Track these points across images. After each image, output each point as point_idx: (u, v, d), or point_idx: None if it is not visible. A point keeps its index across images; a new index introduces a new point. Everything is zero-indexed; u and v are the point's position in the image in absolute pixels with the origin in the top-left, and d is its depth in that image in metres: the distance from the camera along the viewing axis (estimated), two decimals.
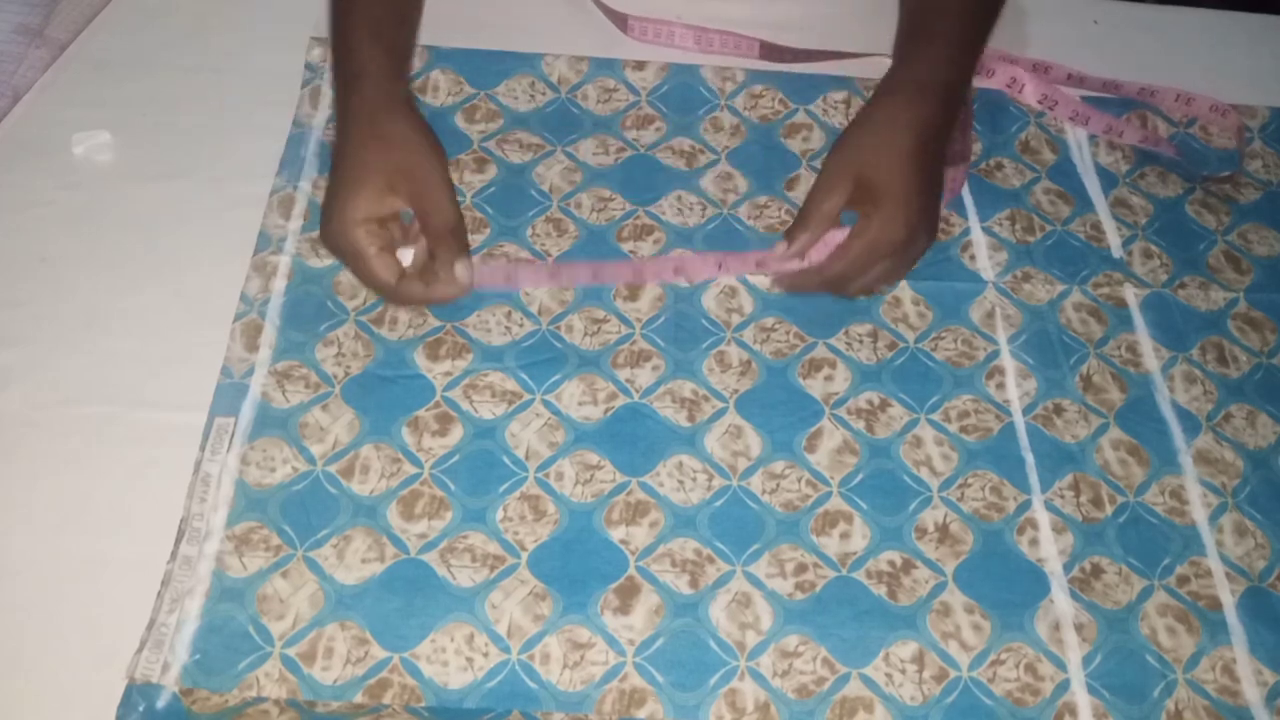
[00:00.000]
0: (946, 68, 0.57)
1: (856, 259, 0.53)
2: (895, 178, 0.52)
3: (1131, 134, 0.65)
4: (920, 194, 0.53)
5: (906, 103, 0.55)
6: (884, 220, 0.52)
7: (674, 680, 0.45)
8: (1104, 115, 0.65)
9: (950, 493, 0.51)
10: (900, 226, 0.52)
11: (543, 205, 0.60)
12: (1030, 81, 0.62)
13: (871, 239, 0.53)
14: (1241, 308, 0.60)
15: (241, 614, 0.45)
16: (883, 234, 0.52)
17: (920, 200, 0.53)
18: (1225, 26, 0.76)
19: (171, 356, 0.53)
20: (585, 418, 0.52)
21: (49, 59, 0.64)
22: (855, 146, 0.54)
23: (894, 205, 0.52)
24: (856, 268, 0.53)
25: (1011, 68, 0.64)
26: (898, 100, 0.55)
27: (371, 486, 0.49)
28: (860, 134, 0.55)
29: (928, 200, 0.54)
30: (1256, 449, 0.54)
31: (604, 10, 0.70)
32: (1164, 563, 0.50)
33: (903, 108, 0.55)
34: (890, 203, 0.52)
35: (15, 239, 0.56)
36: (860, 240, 0.53)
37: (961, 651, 0.47)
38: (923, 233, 0.54)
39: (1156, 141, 0.64)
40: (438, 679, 0.44)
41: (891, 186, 0.52)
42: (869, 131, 0.55)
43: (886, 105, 0.56)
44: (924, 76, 0.56)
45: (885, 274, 0.55)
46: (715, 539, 0.49)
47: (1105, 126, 0.65)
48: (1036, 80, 0.62)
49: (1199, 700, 0.46)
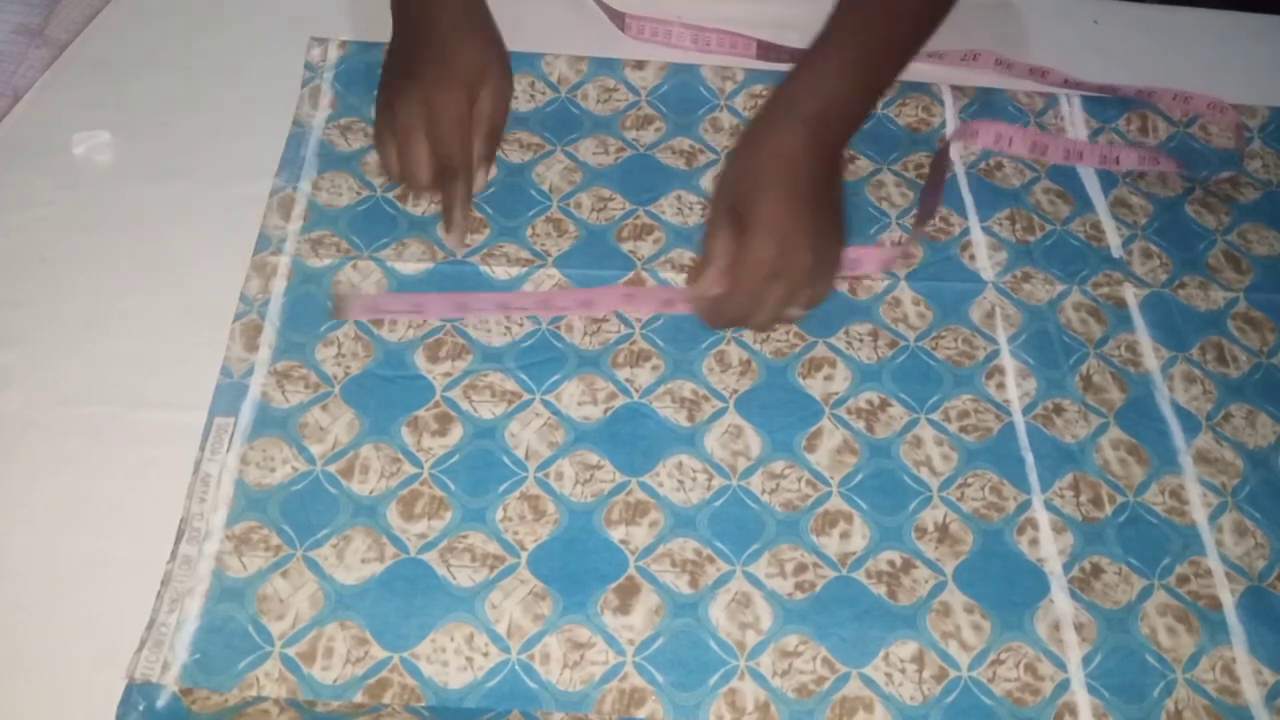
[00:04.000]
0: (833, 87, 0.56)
1: (741, 285, 0.52)
2: (763, 207, 0.52)
3: (1128, 159, 0.64)
4: (790, 215, 0.52)
5: (775, 132, 0.54)
6: (753, 245, 0.52)
7: (674, 680, 0.45)
8: (1096, 148, 0.64)
9: (950, 492, 0.51)
10: (769, 244, 0.51)
11: (542, 205, 0.60)
12: (1018, 135, 0.61)
13: (745, 263, 0.52)
14: (1241, 307, 0.60)
15: (241, 614, 0.45)
16: (753, 255, 0.52)
17: (792, 221, 0.52)
18: (1225, 26, 0.76)
19: (171, 356, 0.53)
20: (585, 417, 0.52)
21: (49, 59, 0.64)
22: (728, 183, 0.55)
23: (762, 228, 0.52)
24: (744, 294, 0.52)
25: (995, 125, 0.63)
26: (768, 129, 0.55)
27: (371, 486, 0.49)
28: (732, 169, 0.55)
29: (803, 221, 0.52)
30: (1256, 449, 0.54)
31: (602, 9, 0.70)
32: (1164, 562, 0.50)
33: (772, 137, 0.54)
34: (757, 227, 0.52)
35: (15, 239, 0.56)
36: (738, 266, 0.52)
37: (961, 651, 0.47)
38: (803, 250, 0.52)
39: (1155, 160, 0.64)
40: (438, 679, 0.44)
41: (758, 214, 0.52)
42: (739, 164, 0.55)
43: (758, 134, 0.55)
44: (802, 98, 0.55)
45: (782, 297, 0.53)
46: (715, 539, 0.49)
47: (1099, 158, 0.64)
48: (1024, 132, 0.61)
49: (1199, 700, 0.46)
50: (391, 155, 0.58)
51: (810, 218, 0.53)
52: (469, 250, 0.58)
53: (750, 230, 0.52)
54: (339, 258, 0.57)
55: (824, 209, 0.54)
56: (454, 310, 0.55)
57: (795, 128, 0.54)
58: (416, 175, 0.57)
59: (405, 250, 0.57)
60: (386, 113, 0.59)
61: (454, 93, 0.57)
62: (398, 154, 0.58)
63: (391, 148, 0.58)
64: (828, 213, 0.55)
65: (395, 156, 0.58)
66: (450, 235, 0.57)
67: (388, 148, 0.58)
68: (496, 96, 0.60)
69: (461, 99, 0.58)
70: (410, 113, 0.57)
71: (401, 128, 0.57)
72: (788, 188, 0.52)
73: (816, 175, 0.54)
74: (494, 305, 0.55)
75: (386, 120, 0.59)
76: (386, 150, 0.58)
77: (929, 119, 0.66)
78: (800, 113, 0.54)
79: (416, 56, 0.59)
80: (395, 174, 0.59)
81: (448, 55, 0.58)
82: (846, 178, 0.63)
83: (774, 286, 0.52)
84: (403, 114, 0.57)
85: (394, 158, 0.58)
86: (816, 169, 0.54)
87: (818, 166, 0.54)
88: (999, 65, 0.70)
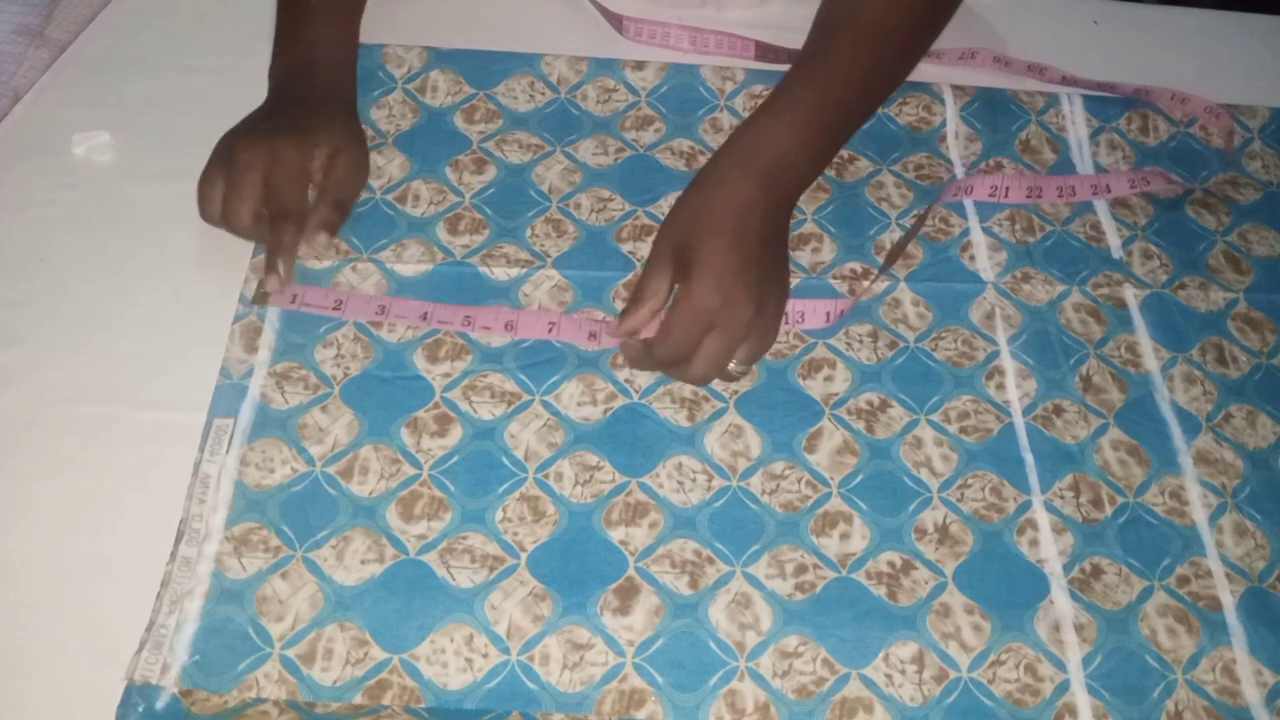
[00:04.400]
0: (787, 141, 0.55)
1: (674, 332, 0.51)
2: (708, 254, 0.51)
3: (1118, 186, 0.63)
4: (734, 268, 0.51)
5: (726, 180, 0.53)
6: (693, 291, 0.51)
7: (674, 681, 0.45)
8: (1086, 179, 0.63)
9: (950, 493, 0.51)
10: (710, 293, 0.50)
11: (542, 206, 0.60)
12: (1013, 183, 0.61)
13: (682, 310, 0.51)
14: (1241, 308, 0.60)
15: (241, 615, 0.45)
16: (692, 303, 0.51)
17: (737, 272, 0.51)
18: (1225, 26, 0.76)
19: (171, 357, 0.53)
20: (584, 418, 0.52)
21: (49, 59, 0.64)
22: (675, 224, 0.53)
23: (704, 275, 0.50)
24: (677, 341, 0.51)
25: (990, 177, 0.62)
26: (720, 176, 0.54)
27: (371, 487, 0.49)
28: (682, 211, 0.54)
29: (748, 273, 0.51)
30: (1256, 449, 0.54)
31: (601, 11, 0.70)
32: (1164, 563, 0.50)
33: (723, 185, 0.53)
34: (700, 274, 0.51)
35: (15, 239, 0.56)
36: (675, 313, 0.51)
37: (961, 652, 0.47)
38: (745, 303, 0.51)
39: (1146, 180, 0.63)
40: (437, 680, 0.44)
41: (703, 260, 0.51)
42: (689, 208, 0.54)
43: (710, 179, 0.54)
44: (756, 149, 0.55)
45: (719, 351, 0.51)
46: (715, 539, 0.49)
47: (1091, 188, 0.63)
48: (1018, 180, 0.61)
49: (1199, 701, 0.46)
50: (213, 195, 0.55)
51: (755, 270, 0.52)
52: (469, 251, 0.58)
53: (693, 277, 0.51)
54: (338, 259, 0.57)
55: (769, 262, 0.53)
56: (374, 313, 0.54)
57: (747, 178, 0.53)
58: (238, 213, 0.54)
59: (404, 252, 0.57)
60: (224, 151, 0.56)
61: (302, 147, 0.55)
62: (225, 192, 0.54)
63: (217, 186, 0.55)
64: (773, 266, 0.54)
65: (217, 197, 0.54)
66: (269, 281, 0.54)
67: (213, 186, 0.55)
68: (350, 171, 0.57)
69: (308, 154, 0.56)
70: (252, 153, 0.55)
71: (239, 165, 0.54)
72: (735, 237, 0.51)
73: (764, 228, 0.53)
74: (416, 314, 0.54)
75: (221, 156, 0.56)
76: (211, 188, 0.55)
77: (930, 118, 0.66)
78: (754, 164, 0.54)
79: (276, 112, 0.58)
80: (214, 214, 0.55)
81: (306, 118, 0.57)
82: (845, 179, 0.63)
83: (711, 339, 0.51)
84: (242, 153, 0.55)
85: (215, 198, 0.54)
86: (764, 221, 0.53)
87: (766, 219, 0.53)
88: (997, 63, 0.70)
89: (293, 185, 0.55)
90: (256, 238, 0.55)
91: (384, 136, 0.62)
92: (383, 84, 0.65)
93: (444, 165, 0.61)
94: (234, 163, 0.55)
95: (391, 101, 0.64)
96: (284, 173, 0.55)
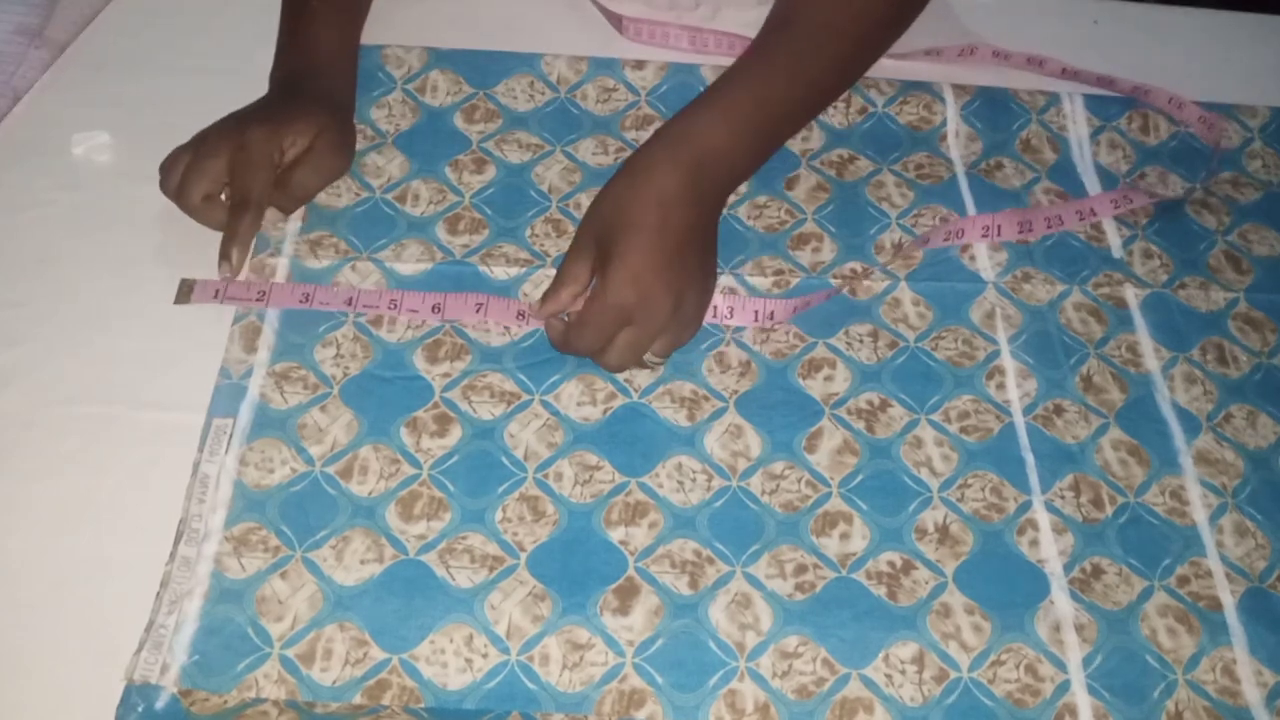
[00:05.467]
0: (719, 135, 0.54)
1: (588, 322, 0.51)
2: (627, 247, 0.50)
3: (1103, 208, 0.62)
4: (653, 262, 0.51)
5: (653, 171, 0.53)
6: (609, 286, 0.50)
7: (673, 681, 0.45)
8: (1072, 205, 0.62)
9: (950, 493, 0.51)
10: (624, 289, 0.50)
11: (542, 206, 0.60)
12: (1004, 220, 0.60)
13: (596, 302, 0.51)
14: (1242, 308, 0.60)
15: (240, 615, 0.45)
16: (606, 297, 0.50)
17: (654, 268, 0.51)
18: (1225, 26, 0.76)
19: (171, 357, 0.53)
20: (584, 418, 0.52)
21: (49, 59, 0.64)
22: (598, 213, 0.53)
23: (620, 269, 0.50)
24: (592, 331, 0.51)
25: (981, 219, 0.61)
26: (647, 166, 0.53)
27: (370, 487, 0.49)
28: (605, 199, 0.53)
29: (666, 269, 0.51)
30: (1257, 449, 0.54)
31: (600, 10, 0.70)
32: (1164, 563, 0.50)
33: (649, 175, 0.52)
34: (616, 267, 0.50)
35: (15, 239, 0.56)
36: (590, 306, 0.51)
37: (961, 652, 0.47)
38: (660, 297, 0.51)
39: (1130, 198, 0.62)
40: (437, 680, 0.44)
41: (621, 253, 0.50)
42: (611, 199, 0.53)
43: (637, 169, 0.53)
44: (687, 140, 0.54)
45: (633, 343, 0.51)
46: (715, 539, 0.49)
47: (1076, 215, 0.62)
48: (1008, 216, 0.60)
49: (1199, 701, 0.46)
50: (174, 169, 0.55)
51: (675, 264, 0.51)
52: (469, 250, 0.58)
53: (610, 272, 0.50)
54: (338, 259, 0.57)
55: (692, 255, 0.53)
56: (299, 302, 0.54)
57: (675, 169, 0.52)
58: (190, 191, 0.54)
59: (404, 251, 0.57)
60: (201, 133, 0.56)
61: (273, 137, 0.55)
62: (185, 169, 0.55)
63: (180, 162, 0.55)
64: (696, 259, 0.53)
65: (177, 172, 0.55)
66: (221, 267, 0.54)
67: (177, 162, 0.55)
68: (316, 168, 0.57)
69: (277, 144, 0.56)
70: (220, 136, 0.55)
71: (206, 146, 0.55)
72: (656, 231, 0.51)
73: (687, 221, 0.52)
74: (341, 300, 0.54)
75: (195, 139, 0.56)
76: (175, 164, 0.55)
77: (930, 117, 0.66)
78: (683, 155, 0.53)
79: (263, 105, 0.58)
80: (170, 188, 0.55)
81: (286, 110, 0.57)
82: (845, 178, 0.63)
83: (627, 332, 0.51)
84: (212, 135, 0.56)
85: (175, 173, 0.55)
86: (687, 213, 0.53)
87: (689, 211, 0.53)
88: (996, 57, 0.70)
89: (255, 172, 0.55)
90: (205, 220, 0.55)
91: (384, 136, 0.62)
92: (382, 84, 0.65)
93: (444, 165, 0.61)
94: (202, 143, 0.55)
95: (391, 101, 0.64)
96: (247, 159, 0.55)
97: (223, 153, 0.55)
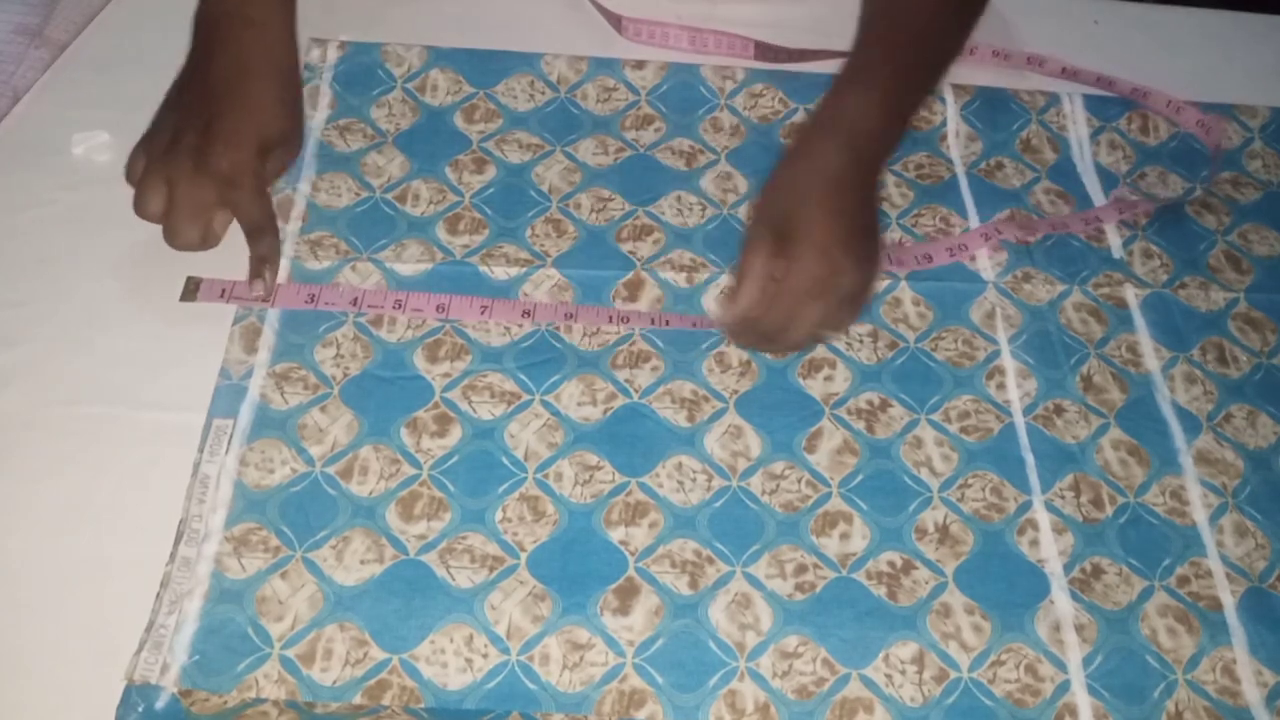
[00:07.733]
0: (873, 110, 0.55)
1: (780, 303, 0.52)
2: (811, 226, 0.51)
3: (1109, 216, 0.62)
4: (837, 236, 0.52)
5: (819, 153, 0.54)
6: (800, 262, 0.51)
7: (674, 681, 0.45)
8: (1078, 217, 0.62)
9: (950, 493, 0.51)
10: (816, 263, 0.51)
11: (542, 206, 0.60)
12: (1007, 229, 0.61)
13: (791, 281, 0.51)
14: (1242, 308, 0.60)
15: (240, 615, 0.45)
16: (801, 273, 0.51)
17: (839, 240, 0.52)
18: (1225, 26, 0.76)
19: (171, 357, 0.52)
20: (584, 418, 0.52)
21: (49, 59, 0.64)
22: (770, 203, 0.54)
23: (807, 247, 0.51)
24: (783, 312, 0.52)
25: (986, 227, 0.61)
26: (811, 149, 0.54)
27: (370, 488, 0.49)
28: (774, 190, 0.54)
29: (849, 239, 0.52)
30: (1257, 449, 0.54)
31: (600, 10, 0.70)
32: (1164, 563, 0.50)
33: (816, 158, 0.54)
34: (803, 247, 0.51)
35: (15, 239, 0.56)
36: (783, 284, 0.52)
37: (961, 652, 0.47)
38: (848, 268, 0.52)
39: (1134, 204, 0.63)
40: (437, 680, 0.44)
41: (807, 232, 0.51)
42: (783, 187, 0.54)
43: (801, 154, 0.54)
44: (843, 121, 0.55)
45: (822, 317, 0.52)
46: (715, 540, 0.49)
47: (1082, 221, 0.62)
48: (1011, 226, 0.61)
49: (1199, 701, 0.46)
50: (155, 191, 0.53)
51: (855, 239, 0.52)
52: (469, 250, 0.58)
53: (798, 249, 0.51)
54: (338, 259, 0.57)
55: (866, 233, 0.54)
56: (305, 302, 0.54)
57: (839, 150, 0.53)
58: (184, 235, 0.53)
59: (404, 251, 0.57)
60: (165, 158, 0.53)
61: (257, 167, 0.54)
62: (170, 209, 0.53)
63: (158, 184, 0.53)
64: (870, 237, 0.54)
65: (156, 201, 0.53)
66: (254, 286, 0.54)
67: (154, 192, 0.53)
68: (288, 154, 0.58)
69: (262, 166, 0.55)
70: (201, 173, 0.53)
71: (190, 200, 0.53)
72: (835, 208, 0.52)
73: (858, 199, 0.54)
74: (347, 300, 0.54)
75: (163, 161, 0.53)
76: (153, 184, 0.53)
77: (930, 117, 0.66)
78: (843, 135, 0.54)
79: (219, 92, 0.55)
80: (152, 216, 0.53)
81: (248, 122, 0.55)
82: None
83: (814, 306, 0.52)
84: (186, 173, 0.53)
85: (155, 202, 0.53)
86: (858, 193, 0.54)
87: (859, 190, 0.54)
88: (996, 57, 0.70)
89: (256, 199, 0.55)
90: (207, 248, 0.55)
91: (384, 136, 0.62)
92: (382, 83, 0.64)
93: (444, 165, 0.61)
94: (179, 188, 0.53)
95: (391, 101, 0.64)
96: (244, 196, 0.54)
97: (209, 196, 0.53)
